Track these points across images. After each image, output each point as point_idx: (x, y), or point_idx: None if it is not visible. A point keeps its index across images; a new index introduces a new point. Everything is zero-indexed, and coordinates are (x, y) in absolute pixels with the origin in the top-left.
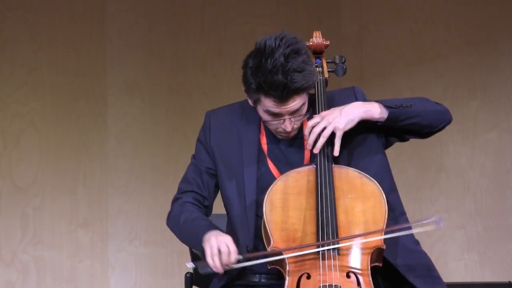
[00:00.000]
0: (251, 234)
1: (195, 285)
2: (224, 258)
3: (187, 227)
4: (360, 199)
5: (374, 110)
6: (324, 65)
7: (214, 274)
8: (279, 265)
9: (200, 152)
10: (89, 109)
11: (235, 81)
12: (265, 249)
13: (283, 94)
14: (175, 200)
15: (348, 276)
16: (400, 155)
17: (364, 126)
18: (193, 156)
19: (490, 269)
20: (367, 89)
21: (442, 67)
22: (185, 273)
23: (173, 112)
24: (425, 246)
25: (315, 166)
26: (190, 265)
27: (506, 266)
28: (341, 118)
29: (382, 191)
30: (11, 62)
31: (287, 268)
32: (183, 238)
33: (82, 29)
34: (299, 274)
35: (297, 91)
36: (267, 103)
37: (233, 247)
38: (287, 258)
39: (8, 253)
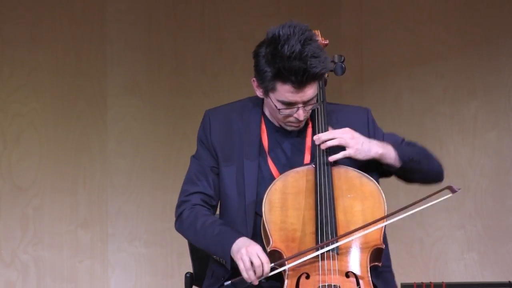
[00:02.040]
0: (249, 233)
1: (195, 285)
2: (258, 270)
3: (207, 233)
4: (359, 199)
5: (389, 157)
6: None
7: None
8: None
9: (203, 151)
10: (89, 109)
11: (235, 81)
12: (262, 247)
13: (303, 79)
14: (182, 202)
15: (347, 276)
16: None
17: None
18: (194, 157)
19: (490, 269)
20: (367, 90)
21: (442, 68)
22: (185, 273)
23: (173, 112)
24: (425, 246)
25: (314, 166)
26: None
27: (506, 266)
28: (361, 146)
29: (381, 191)
30: (11, 62)
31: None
32: (200, 244)
33: (82, 29)
34: (298, 274)
35: (315, 77)
36: (284, 90)
37: (264, 258)
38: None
39: (8, 253)
